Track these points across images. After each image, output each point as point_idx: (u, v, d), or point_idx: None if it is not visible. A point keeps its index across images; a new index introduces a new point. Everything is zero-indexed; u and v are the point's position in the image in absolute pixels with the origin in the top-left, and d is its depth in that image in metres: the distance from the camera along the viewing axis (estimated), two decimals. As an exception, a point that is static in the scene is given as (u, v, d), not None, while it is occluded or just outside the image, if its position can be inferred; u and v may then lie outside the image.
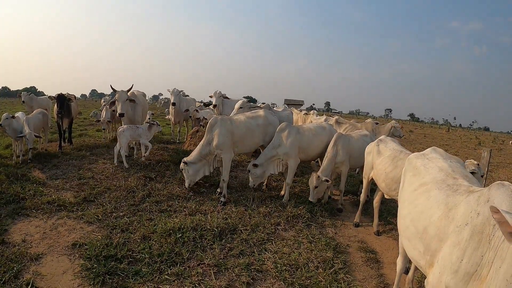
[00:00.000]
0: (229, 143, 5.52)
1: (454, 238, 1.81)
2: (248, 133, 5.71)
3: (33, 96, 12.69)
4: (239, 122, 5.74)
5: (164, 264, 3.49)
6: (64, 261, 3.51)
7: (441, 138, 27.32)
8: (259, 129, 5.81)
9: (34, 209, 4.68)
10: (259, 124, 5.86)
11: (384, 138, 4.66)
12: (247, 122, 5.78)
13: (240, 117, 5.89)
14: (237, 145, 5.66)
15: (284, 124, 5.75)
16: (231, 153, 5.62)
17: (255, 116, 5.98)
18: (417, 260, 2.23)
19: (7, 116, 6.88)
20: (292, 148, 5.53)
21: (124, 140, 7.12)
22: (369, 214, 5.38)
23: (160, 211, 4.90)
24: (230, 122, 5.62)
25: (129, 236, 4.01)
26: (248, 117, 5.93)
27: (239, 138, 5.63)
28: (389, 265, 3.91)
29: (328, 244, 4.15)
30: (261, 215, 4.95)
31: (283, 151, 5.52)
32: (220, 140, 5.45)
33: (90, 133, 12.02)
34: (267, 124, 5.93)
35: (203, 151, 5.59)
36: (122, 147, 7.11)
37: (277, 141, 5.59)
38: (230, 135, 5.52)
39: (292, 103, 28.60)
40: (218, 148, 5.48)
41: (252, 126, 5.79)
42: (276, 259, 3.73)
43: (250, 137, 5.75)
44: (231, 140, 5.54)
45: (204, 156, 5.62)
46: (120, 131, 7.17)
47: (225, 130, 5.49)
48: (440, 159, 2.56)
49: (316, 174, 5.23)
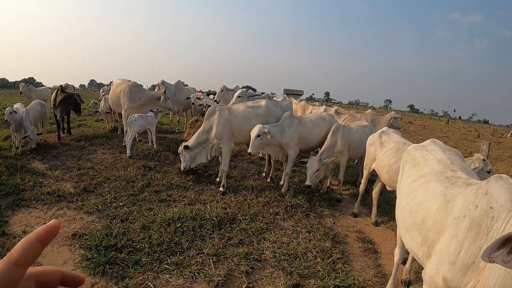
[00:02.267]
0: (228, 133, 5.51)
1: (452, 230, 1.81)
2: (247, 122, 5.65)
3: (32, 87, 12.62)
4: (238, 111, 5.70)
5: (163, 253, 3.51)
6: (64, 251, 3.54)
7: (440, 130, 27.29)
8: (258, 119, 5.74)
9: (34, 200, 4.69)
10: (258, 114, 5.79)
11: (386, 129, 4.64)
12: (246, 112, 5.73)
13: (239, 107, 5.85)
14: (235, 135, 5.64)
15: (288, 114, 5.73)
16: (231, 143, 5.61)
17: (256, 106, 5.93)
18: (415, 251, 2.24)
19: (11, 110, 6.83)
20: (293, 138, 5.52)
21: (135, 129, 7.26)
22: (367, 204, 5.41)
23: (160, 200, 4.92)
24: (228, 112, 5.60)
25: (128, 226, 4.03)
26: (248, 106, 5.89)
27: (237, 128, 5.61)
28: (387, 256, 3.95)
29: (326, 234, 4.18)
30: (260, 204, 4.97)
31: (285, 140, 5.50)
32: (219, 130, 5.45)
33: (89, 123, 11.99)
34: (268, 114, 5.85)
35: (200, 138, 5.68)
36: (131, 136, 7.21)
37: (281, 128, 5.53)
38: (228, 124, 5.51)
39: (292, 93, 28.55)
40: (217, 138, 5.49)
41: (251, 115, 5.73)
42: (275, 249, 3.76)
43: (250, 127, 5.70)
44: (229, 130, 5.53)
45: (201, 143, 5.71)
46: (132, 119, 7.26)
47: (223, 120, 5.48)
48: (439, 151, 2.56)
49: (317, 157, 5.20)
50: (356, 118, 7.75)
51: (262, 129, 5.12)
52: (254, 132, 5.12)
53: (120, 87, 8.12)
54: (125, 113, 7.85)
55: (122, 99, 7.94)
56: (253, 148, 5.11)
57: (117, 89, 8.18)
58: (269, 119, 5.87)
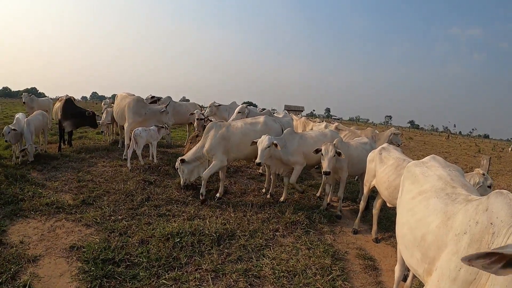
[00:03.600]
0: (220, 149, 5.53)
1: (453, 246, 1.81)
2: (245, 139, 5.65)
3: (34, 97, 12.79)
4: (236, 128, 5.73)
5: (161, 268, 3.47)
6: (61, 263, 3.50)
7: (441, 145, 27.35)
8: (257, 135, 5.68)
9: (32, 211, 4.67)
10: (257, 130, 5.79)
11: (386, 146, 4.67)
12: (244, 128, 5.76)
13: (238, 123, 5.88)
14: (232, 150, 5.66)
15: (290, 130, 5.82)
16: (223, 160, 5.60)
17: (254, 122, 5.96)
18: (415, 268, 2.23)
19: (9, 129, 6.88)
20: (295, 153, 5.60)
21: (142, 142, 7.37)
22: (368, 221, 5.37)
23: (159, 215, 4.89)
24: (225, 128, 5.64)
25: (127, 240, 4.00)
26: (246, 123, 5.93)
27: (234, 144, 5.63)
28: (387, 273, 3.90)
29: (326, 251, 4.14)
30: (260, 221, 4.94)
31: (285, 157, 5.54)
32: (211, 145, 5.52)
33: (90, 135, 12.03)
34: (267, 130, 5.84)
35: (197, 153, 5.80)
36: (139, 148, 7.35)
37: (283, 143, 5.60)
38: (223, 141, 5.55)
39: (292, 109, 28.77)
40: (208, 152, 5.55)
41: (250, 132, 5.75)
42: (274, 265, 3.72)
43: (247, 143, 5.65)
44: (223, 146, 5.56)
45: (198, 158, 5.83)
46: (137, 133, 7.34)
47: (218, 136, 5.53)
48: (439, 168, 2.57)
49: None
50: (356, 134, 7.79)
51: (271, 139, 5.20)
52: (263, 143, 5.16)
53: (126, 100, 8.25)
54: (129, 127, 7.95)
55: (127, 112, 8.04)
56: (262, 158, 5.14)
57: (122, 102, 8.30)
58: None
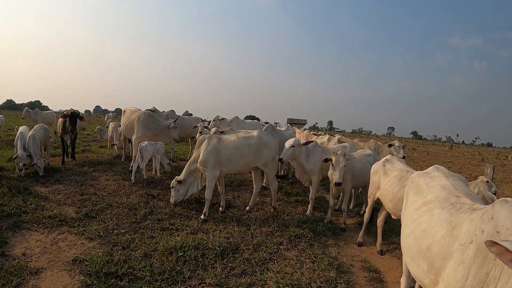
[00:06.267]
0: (212, 161, 5.47)
1: (459, 256, 1.80)
2: (237, 153, 5.58)
3: (38, 111, 13.01)
4: (228, 141, 5.66)
5: (165, 282, 3.44)
6: (64, 276, 3.48)
7: (444, 155, 27.21)
8: (250, 149, 5.65)
9: (35, 223, 4.68)
10: (250, 144, 5.69)
11: (390, 158, 4.66)
12: (237, 142, 5.66)
13: (231, 137, 5.81)
14: (224, 164, 5.56)
15: (314, 143, 6.05)
16: (215, 171, 5.51)
17: (248, 136, 5.85)
18: (421, 279, 2.20)
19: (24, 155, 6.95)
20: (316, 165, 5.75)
21: (147, 155, 7.42)
22: (372, 233, 5.32)
23: (162, 229, 4.86)
24: (217, 141, 5.59)
25: (130, 254, 3.97)
26: (239, 137, 5.82)
27: (226, 157, 5.54)
28: (392, 285, 3.85)
29: (331, 264, 4.09)
30: (264, 234, 4.90)
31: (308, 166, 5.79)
32: (204, 157, 5.47)
33: (93, 149, 12.10)
34: (261, 144, 5.74)
35: (190, 167, 5.75)
36: (144, 162, 7.39)
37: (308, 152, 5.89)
38: (215, 153, 5.49)
39: (295, 122, 28.85)
40: (201, 164, 5.51)
41: (242, 146, 5.64)
42: (278, 279, 3.67)
43: (239, 157, 5.60)
44: (215, 158, 5.49)
45: (192, 173, 5.77)
46: (143, 146, 7.41)
47: (210, 148, 5.49)
48: (443, 178, 2.57)
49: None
50: (359, 147, 7.79)
51: (296, 141, 5.72)
52: (289, 143, 5.70)
53: (136, 114, 8.41)
54: (137, 140, 8.03)
55: (137, 126, 8.15)
56: (285, 156, 5.62)
57: (132, 115, 8.46)
58: (262, 148, 5.75)
